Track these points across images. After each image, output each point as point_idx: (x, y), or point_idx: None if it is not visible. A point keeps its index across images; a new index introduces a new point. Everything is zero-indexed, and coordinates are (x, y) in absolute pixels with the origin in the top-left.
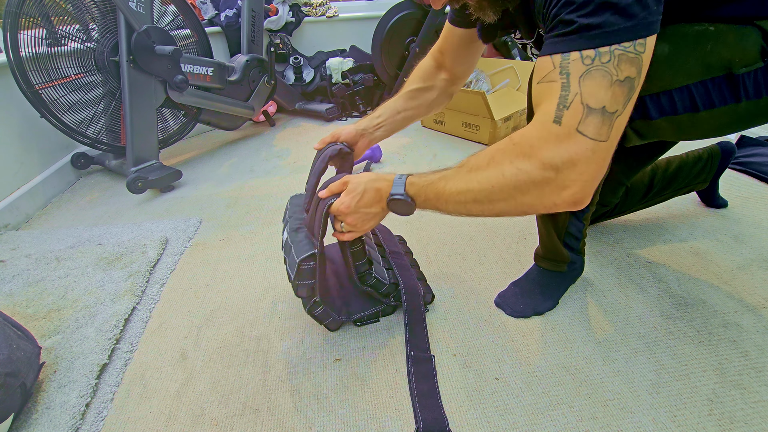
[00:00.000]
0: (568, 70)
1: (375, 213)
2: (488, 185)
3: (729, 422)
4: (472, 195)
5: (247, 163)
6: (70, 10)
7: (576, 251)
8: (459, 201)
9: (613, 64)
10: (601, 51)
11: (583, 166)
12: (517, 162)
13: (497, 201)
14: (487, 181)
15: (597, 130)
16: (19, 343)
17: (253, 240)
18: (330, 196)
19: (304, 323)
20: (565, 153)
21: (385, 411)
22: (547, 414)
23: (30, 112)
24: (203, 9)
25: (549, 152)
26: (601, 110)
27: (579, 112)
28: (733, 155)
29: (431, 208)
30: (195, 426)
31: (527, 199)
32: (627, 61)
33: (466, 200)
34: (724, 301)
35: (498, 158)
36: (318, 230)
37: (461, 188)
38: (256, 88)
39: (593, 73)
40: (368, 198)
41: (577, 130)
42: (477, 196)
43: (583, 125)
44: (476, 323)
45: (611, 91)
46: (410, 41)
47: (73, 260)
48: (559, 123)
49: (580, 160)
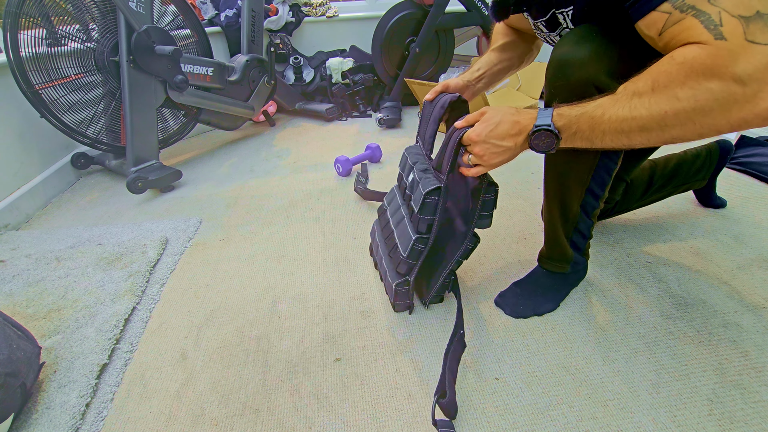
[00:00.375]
0: (690, 4)
1: (507, 147)
2: (659, 110)
3: (729, 422)
4: (638, 123)
5: (247, 163)
6: (70, 10)
7: (581, 252)
8: (620, 130)
9: None
10: None
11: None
12: (691, 82)
13: (671, 127)
14: (657, 107)
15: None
16: (19, 343)
17: (253, 240)
18: (465, 125)
19: (304, 323)
20: (747, 64)
21: (385, 411)
22: (547, 414)
23: (30, 112)
24: (203, 9)
25: (729, 66)
26: (757, 15)
27: (737, 24)
28: (731, 153)
29: (581, 143)
30: (195, 426)
31: (710, 120)
32: None
33: (630, 129)
34: (724, 301)
35: (664, 81)
36: (448, 161)
37: (624, 115)
38: (256, 88)
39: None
40: (503, 129)
41: (746, 40)
42: (645, 123)
43: (750, 34)
44: (476, 323)
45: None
46: (410, 41)
47: (73, 260)
48: (723, 38)
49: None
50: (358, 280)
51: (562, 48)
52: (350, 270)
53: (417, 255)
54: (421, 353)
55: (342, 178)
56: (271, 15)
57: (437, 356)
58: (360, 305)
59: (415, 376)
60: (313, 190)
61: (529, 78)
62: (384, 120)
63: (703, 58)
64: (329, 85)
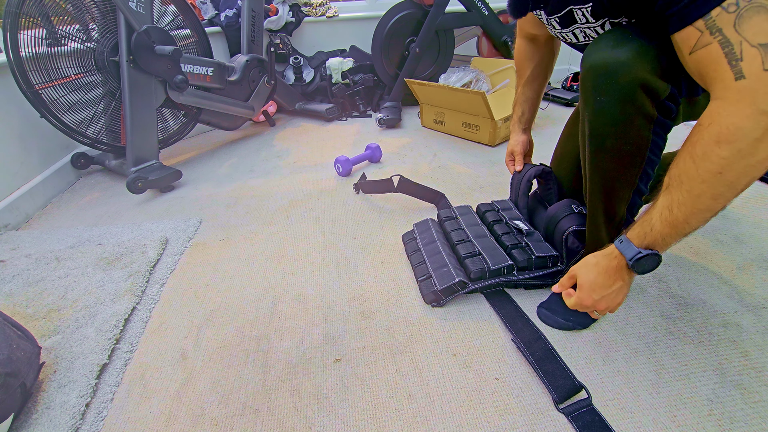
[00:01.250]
0: (718, 26)
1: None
2: (715, 174)
3: (729, 422)
4: (707, 197)
5: (247, 163)
6: (70, 10)
7: None
8: (696, 209)
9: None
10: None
11: None
12: (724, 137)
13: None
14: (708, 173)
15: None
16: (19, 343)
17: (253, 240)
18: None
19: (304, 323)
20: (766, 95)
21: (385, 411)
22: (547, 414)
23: (30, 112)
24: (203, 9)
25: (750, 107)
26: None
27: (756, 56)
28: None
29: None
30: (195, 426)
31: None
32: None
33: (704, 206)
34: (724, 301)
35: (700, 150)
36: None
37: (686, 198)
38: (256, 88)
39: (745, 15)
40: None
41: (764, 69)
42: (714, 192)
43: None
44: (476, 323)
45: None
46: (410, 41)
47: (73, 260)
48: (744, 76)
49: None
50: (358, 280)
51: (599, 53)
52: (350, 270)
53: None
54: (421, 353)
55: (342, 178)
56: (271, 15)
57: (437, 356)
58: (360, 306)
59: (415, 376)
60: (313, 190)
61: None
62: (384, 120)
63: (726, 107)
64: (329, 85)
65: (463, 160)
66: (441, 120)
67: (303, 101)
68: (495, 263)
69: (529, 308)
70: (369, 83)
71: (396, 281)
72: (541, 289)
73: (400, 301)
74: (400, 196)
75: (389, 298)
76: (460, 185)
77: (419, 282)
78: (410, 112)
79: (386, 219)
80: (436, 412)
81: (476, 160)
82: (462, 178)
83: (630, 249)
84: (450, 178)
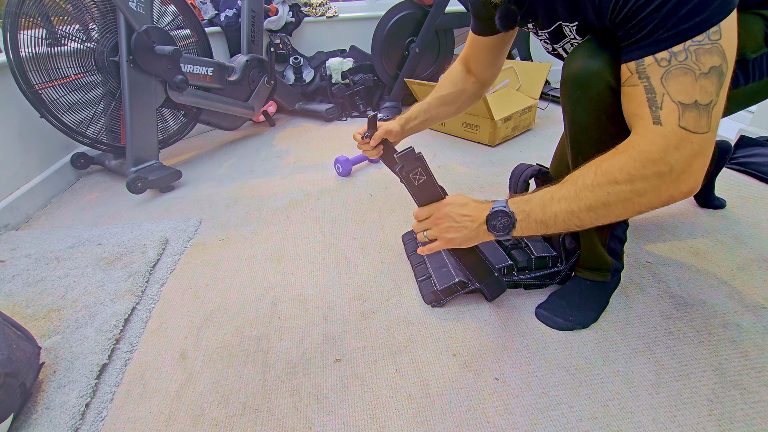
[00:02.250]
0: (647, 74)
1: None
2: (602, 192)
3: (729, 422)
4: (585, 203)
5: (247, 163)
6: (70, 10)
7: (619, 256)
8: (569, 210)
9: (692, 60)
10: (675, 51)
11: (693, 159)
12: (628, 167)
13: (613, 205)
14: (600, 188)
15: (696, 124)
16: (19, 343)
17: (253, 240)
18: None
19: (304, 323)
20: (677, 152)
21: (385, 411)
22: (547, 414)
23: (30, 112)
24: (203, 9)
25: (662, 153)
26: (694, 104)
27: (675, 110)
28: (730, 154)
29: (536, 226)
30: (195, 426)
31: (645, 200)
32: (705, 54)
33: (578, 208)
34: (724, 301)
35: (605, 167)
36: None
37: (571, 196)
38: (256, 88)
39: (673, 73)
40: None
41: (679, 126)
42: (591, 203)
43: (684, 121)
44: (476, 323)
45: (698, 85)
46: (410, 41)
47: (73, 260)
48: (661, 123)
49: (689, 154)
50: (358, 280)
51: (576, 62)
52: (350, 270)
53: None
54: (421, 353)
55: (342, 178)
56: (271, 15)
57: (437, 356)
58: (360, 306)
59: (415, 376)
60: (313, 190)
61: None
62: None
63: (640, 143)
64: (329, 85)
65: (463, 160)
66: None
67: (303, 101)
68: (495, 263)
69: (528, 308)
70: (369, 83)
71: (396, 281)
72: (541, 289)
73: (400, 301)
74: (400, 196)
75: (389, 298)
76: (460, 185)
77: (419, 282)
78: None
79: (386, 219)
80: (436, 412)
81: (476, 160)
82: (462, 178)
83: (499, 203)
84: (450, 178)
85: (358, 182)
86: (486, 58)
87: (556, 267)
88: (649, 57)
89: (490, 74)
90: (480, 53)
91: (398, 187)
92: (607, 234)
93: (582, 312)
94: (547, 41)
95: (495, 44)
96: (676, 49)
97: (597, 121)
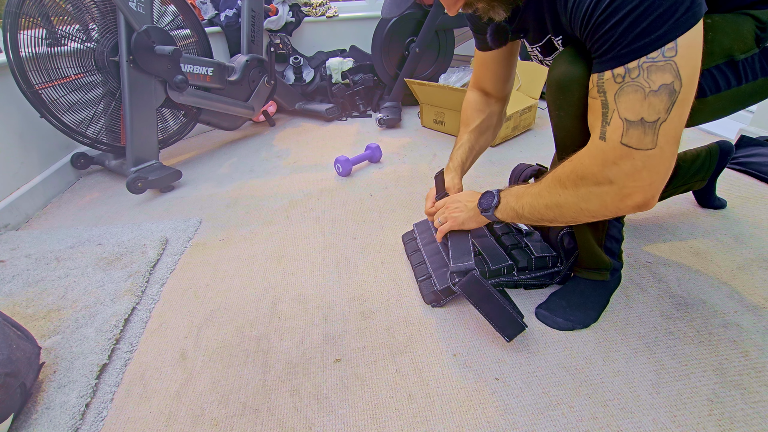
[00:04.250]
0: (604, 89)
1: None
2: (555, 194)
3: (729, 422)
4: (544, 201)
5: (247, 163)
6: (70, 10)
7: (617, 256)
8: (533, 205)
9: (644, 77)
10: (630, 67)
11: (635, 174)
12: (572, 176)
13: (565, 208)
14: (554, 190)
15: (639, 141)
16: (19, 343)
17: (253, 240)
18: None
19: (304, 323)
20: (613, 165)
21: (385, 411)
22: (547, 414)
23: (30, 112)
24: (203, 9)
25: (599, 167)
26: (640, 122)
27: (619, 127)
28: (732, 154)
29: (512, 213)
30: (195, 426)
31: (592, 207)
32: (657, 71)
33: (539, 205)
34: (724, 301)
35: (558, 173)
36: None
37: (535, 193)
38: (256, 88)
39: (625, 89)
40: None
41: (621, 143)
42: (548, 203)
43: (626, 137)
44: (476, 323)
45: (647, 102)
46: (410, 41)
47: (73, 260)
48: (605, 139)
49: (630, 170)
50: (358, 280)
51: (558, 69)
52: (350, 270)
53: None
54: (421, 353)
55: (342, 178)
56: (271, 15)
57: (437, 356)
58: (360, 306)
59: (415, 376)
60: (313, 190)
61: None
62: (384, 120)
63: (585, 157)
64: (329, 85)
65: None
66: (441, 120)
67: (303, 101)
68: (495, 263)
69: (528, 308)
70: (369, 83)
71: (396, 281)
72: (541, 289)
73: (400, 301)
74: (400, 196)
75: (389, 298)
76: None
77: (419, 282)
78: (410, 112)
79: (386, 219)
80: (436, 412)
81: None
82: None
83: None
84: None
85: (358, 182)
86: (498, 72)
87: (556, 267)
88: (608, 72)
89: (507, 89)
90: (492, 69)
91: (398, 187)
92: (602, 234)
93: (582, 312)
94: (539, 54)
95: (504, 55)
96: (631, 65)
97: (580, 125)
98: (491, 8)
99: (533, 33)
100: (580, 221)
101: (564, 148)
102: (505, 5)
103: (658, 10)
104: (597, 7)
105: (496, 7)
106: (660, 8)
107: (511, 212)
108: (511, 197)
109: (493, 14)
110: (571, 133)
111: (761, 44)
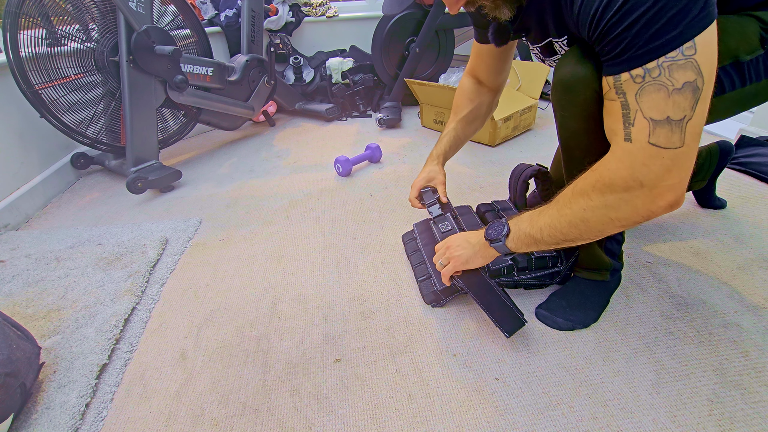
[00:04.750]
0: (623, 90)
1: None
2: (579, 209)
3: (729, 422)
4: (566, 219)
5: (247, 163)
6: (70, 10)
7: (617, 257)
8: (553, 225)
9: (665, 76)
10: (649, 67)
11: (666, 174)
12: (599, 185)
13: (592, 221)
14: (577, 206)
15: (668, 139)
16: (19, 343)
17: (253, 240)
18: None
19: (304, 323)
20: (642, 167)
21: (385, 411)
22: (547, 414)
23: (30, 112)
24: (203, 9)
25: (628, 170)
26: (666, 120)
27: (645, 127)
28: (732, 154)
29: (526, 240)
30: (195, 426)
31: (622, 215)
32: (679, 69)
33: (560, 224)
34: (724, 301)
35: (581, 186)
36: None
37: (553, 213)
38: (256, 88)
39: (647, 89)
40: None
41: (649, 142)
42: (571, 220)
43: (654, 137)
44: (476, 323)
45: (671, 100)
46: (410, 41)
47: (73, 260)
48: (630, 140)
49: (661, 169)
50: (358, 280)
51: (564, 69)
52: (350, 270)
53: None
54: (421, 353)
55: (342, 178)
56: (271, 15)
57: (437, 356)
58: (360, 306)
59: (415, 376)
60: (313, 190)
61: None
62: (384, 120)
63: (610, 162)
64: (329, 85)
65: (463, 160)
66: (441, 120)
67: (303, 101)
68: (495, 263)
69: (529, 308)
70: (369, 83)
71: (396, 281)
72: (541, 289)
73: (400, 301)
74: (400, 196)
75: (389, 298)
76: (460, 185)
77: (419, 282)
78: (410, 112)
79: (386, 219)
80: (436, 412)
81: (476, 160)
82: (462, 178)
83: (500, 223)
84: (450, 178)
85: (358, 182)
86: (493, 64)
87: (556, 267)
88: (625, 73)
89: (501, 80)
90: (487, 61)
91: (398, 187)
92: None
93: (582, 312)
94: (539, 54)
95: (500, 50)
96: (650, 65)
97: (585, 126)
98: (496, 7)
99: (534, 33)
100: (606, 234)
101: (569, 149)
102: (509, 4)
103: (672, 11)
104: (608, 9)
105: (501, 7)
106: (674, 9)
107: (526, 238)
108: (523, 223)
109: (498, 13)
110: (576, 134)
111: (765, 45)
